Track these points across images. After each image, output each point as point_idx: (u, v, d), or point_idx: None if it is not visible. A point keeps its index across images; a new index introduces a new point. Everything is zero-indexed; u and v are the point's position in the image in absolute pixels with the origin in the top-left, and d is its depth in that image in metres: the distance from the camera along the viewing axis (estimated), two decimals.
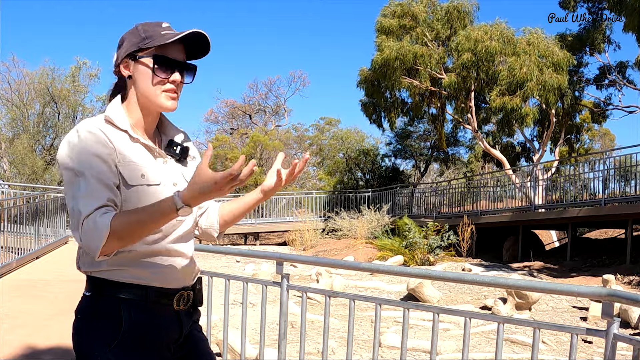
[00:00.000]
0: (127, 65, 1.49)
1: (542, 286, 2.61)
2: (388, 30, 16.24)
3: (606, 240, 13.65)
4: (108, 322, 1.43)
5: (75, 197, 1.36)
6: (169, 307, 1.51)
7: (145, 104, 1.51)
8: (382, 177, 24.09)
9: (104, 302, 1.44)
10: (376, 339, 2.46)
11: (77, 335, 1.46)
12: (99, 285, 1.45)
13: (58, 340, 4.48)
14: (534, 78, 13.41)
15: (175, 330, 1.53)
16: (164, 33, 1.48)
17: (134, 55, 1.48)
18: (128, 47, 1.48)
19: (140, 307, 1.45)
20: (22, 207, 9.73)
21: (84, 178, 1.37)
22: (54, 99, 22.06)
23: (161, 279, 1.48)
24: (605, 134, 28.96)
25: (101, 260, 1.40)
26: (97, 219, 1.32)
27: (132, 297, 1.45)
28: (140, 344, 1.45)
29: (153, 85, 1.48)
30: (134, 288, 1.45)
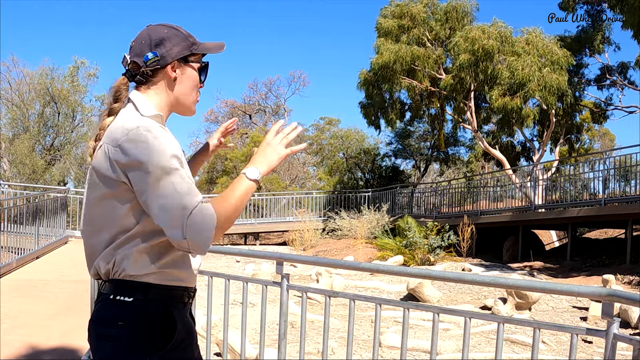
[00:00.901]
0: (174, 66, 1.50)
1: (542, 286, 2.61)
2: (387, 31, 16.25)
3: (606, 240, 13.65)
4: (159, 327, 1.40)
5: (171, 195, 1.33)
6: (190, 306, 1.55)
7: (174, 106, 1.54)
8: (382, 177, 24.09)
9: (154, 307, 1.41)
10: (376, 339, 2.46)
11: (115, 343, 1.39)
12: (144, 290, 1.41)
13: (58, 340, 4.48)
14: (535, 78, 13.41)
15: (194, 327, 1.59)
16: (200, 41, 1.56)
17: (186, 58, 1.51)
18: (181, 49, 1.50)
19: (182, 308, 1.48)
20: (22, 207, 9.73)
21: (176, 175, 1.35)
22: (53, 98, 22.06)
23: (192, 279, 1.52)
24: (605, 134, 28.95)
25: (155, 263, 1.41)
26: (203, 212, 1.33)
27: (177, 300, 1.46)
28: (185, 344, 1.47)
29: (193, 90, 1.55)
30: (177, 290, 1.46)
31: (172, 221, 1.32)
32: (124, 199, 1.40)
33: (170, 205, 1.33)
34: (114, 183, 1.39)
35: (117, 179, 1.38)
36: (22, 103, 22.30)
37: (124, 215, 1.40)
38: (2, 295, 6.04)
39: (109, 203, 1.41)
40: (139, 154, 1.35)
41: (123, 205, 1.40)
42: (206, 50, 1.54)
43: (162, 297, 1.43)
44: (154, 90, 1.50)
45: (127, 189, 1.39)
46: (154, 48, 1.48)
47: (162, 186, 1.34)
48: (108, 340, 1.40)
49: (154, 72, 1.49)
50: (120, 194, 1.40)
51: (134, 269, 1.41)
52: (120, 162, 1.37)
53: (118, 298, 1.42)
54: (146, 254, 1.41)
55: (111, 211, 1.41)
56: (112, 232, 1.42)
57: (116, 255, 1.42)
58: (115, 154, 1.37)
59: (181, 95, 1.52)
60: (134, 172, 1.35)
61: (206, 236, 1.33)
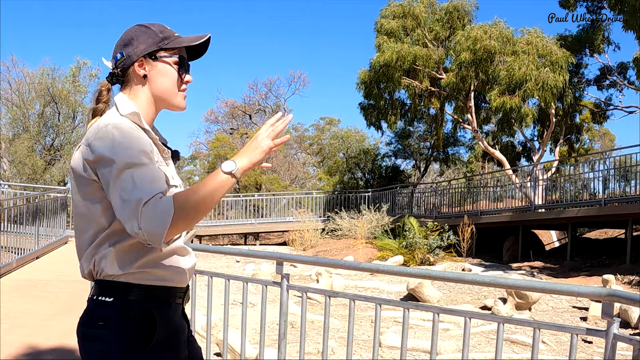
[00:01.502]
0: (142, 64, 1.49)
1: (542, 286, 2.61)
2: (388, 31, 16.24)
3: (606, 240, 13.65)
4: (139, 328, 1.40)
5: (128, 188, 1.32)
6: (180, 306, 1.53)
7: (159, 103, 1.52)
8: (382, 177, 24.09)
9: (134, 307, 1.40)
10: (376, 339, 2.46)
11: (98, 344, 1.39)
12: (125, 290, 1.41)
13: (58, 340, 4.49)
14: (533, 78, 13.41)
15: (185, 328, 1.56)
16: (177, 35, 1.52)
17: (154, 54, 1.49)
18: (147, 46, 1.48)
19: (167, 309, 1.46)
20: (22, 207, 9.73)
21: (139, 168, 1.34)
22: (54, 99, 22.06)
23: (179, 279, 1.49)
24: (605, 134, 28.96)
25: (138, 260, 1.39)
26: (158, 202, 1.30)
27: (160, 299, 1.44)
28: (169, 345, 1.45)
29: (175, 85, 1.51)
30: (159, 290, 1.44)
31: (129, 213, 1.30)
32: (98, 198, 1.40)
33: (127, 197, 1.31)
34: (87, 182, 1.40)
35: (88, 177, 1.39)
36: (22, 103, 22.30)
37: (99, 214, 1.40)
38: (2, 295, 6.04)
39: (86, 203, 1.42)
40: (104, 150, 1.35)
41: (97, 204, 1.40)
42: (180, 44, 1.50)
43: (144, 297, 1.41)
44: (132, 90, 1.51)
45: (99, 187, 1.39)
46: (122, 48, 1.50)
47: (123, 179, 1.33)
48: (90, 340, 1.41)
49: (124, 71, 1.50)
50: (93, 192, 1.40)
51: (113, 269, 1.41)
52: (89, 159, 1.38)
53: (100, 298, 1.42)
54: (124, 253, 1.41)
55: (88, 211, 1.42)
56: (91, 232, 1.43)
57: (95, 256, 1.43)
58: (86, 152, 1.39)
59: (159, 91, 1.50)
60: (101, 169, 1.36)
61: (161, 226, 1.28)
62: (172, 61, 1.50)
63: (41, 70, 22.36)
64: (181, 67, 1.52)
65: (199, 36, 1.51)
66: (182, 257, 1.51)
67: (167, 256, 1.46)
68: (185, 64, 1.53)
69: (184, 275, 1.51)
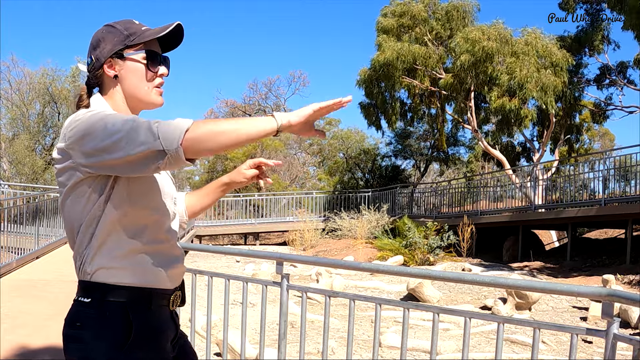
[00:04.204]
0: (111, 64, 1.47)
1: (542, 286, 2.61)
2: (388, 30, 16.24)
3: (606, 240, 13.64)
4: (115, 329, 1.39)
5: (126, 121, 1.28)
6: (166, 308, 1.51)
7: (133, 102, 1.49)
8: (382, 177, 24.08)
9: (110, 307, 1.40)
10: (376, 339, 2.46)
11: (77, 344, 1.39)
12: (102, 291, 1.40)
13: (58, 340, 4.47)
14: (533, 80, 13.41)
15: (172, 330, 1.54)
16: (144, 29, 1.48)
17: (121, 53, 1.46)
18: (112, 46, 1.45)
19: (145, 310, 1.44)
20: (22, 207, 9.73)
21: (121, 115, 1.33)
22: (53, 98, 22.06)
23: (162, 281, 1.48)
24: (605, 134, 28.98)
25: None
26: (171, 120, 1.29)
27: (137, 301, 1.42)
28: (148, 347, 1.43)
29: (146, 81, 1.48)
30: (137, 291, 1.43)
31: (144, 135, 1.25)
32: (77, 195, 1.39)
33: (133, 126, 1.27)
34: (68, 177, 1.38)
35: (69, 170, 1.37)
36: (22, 103, 22.31)
37: (79, 214, 1.40)
38: (2, 295, 6.04)
39: (69, 203, 1.41)
40: (80, 128, 1.32)
41: (77, 203, 1.39)
42: (145, 38, 1.46)
43: (121, 298, 1.40)
44: (107, 92, 1.49)
45: (79, 182, 1.37)
46: (91, 52, 1.48)
47: (113, 122, 1.29)
48: (70, 341, 1.41)
49: (96, 75, 1.48)
50: (75, 188, 1.38)
51: (91, 270, 1.41)
52: (71, 148, 1.34)
53: (80, 299, 1.43)
54: (103, 253, 1.40)
55: (71, 211, 1.41)
56: (74, 233, 1.42)
57: (77, 256, 1.43)
58: (66, 144, 1.35)
59: (131, 89, 1.48)
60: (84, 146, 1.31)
61: (178, 129, 1.25)
62: (140, 57, 1.47)
63: (41, 70, 22.40)
64: (150, 61, 1.47)
65: (165, 26, 1.46)
66: (166, 260, 1.49)
67: (146, 257, 1.44)
68: (156, 58, 1.49)
69: (167, 277, 1.49)
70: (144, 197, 1.42)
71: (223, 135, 1.28)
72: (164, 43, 1.52)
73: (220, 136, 1.28)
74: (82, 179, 1.37)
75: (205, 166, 29.09)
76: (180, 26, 1.46)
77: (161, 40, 1.50)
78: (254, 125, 1.32)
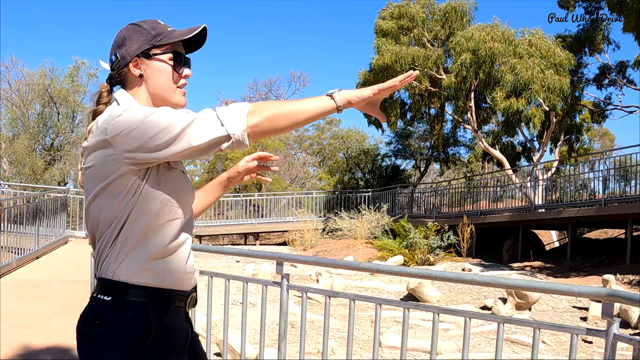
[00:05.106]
0: (137, 63, 1.47)
1: (542, 286, 2.61)
2: (386, 32, 16.25)
3: (606, 240, 13.64)
4: (134, 328, 1.38)
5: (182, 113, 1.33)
6: (182, 309, 1.51)
7: (157, 101, 1.50)
8: (382, 177, 24.09)
9: (130, 307, 1.39)
10: (376, 339, 2.46)
11: (95, 342, 1.38)
12: (123, 290, 1.40)
13: (58, 340, 4.49)
14: (539, 80, 13.42)
15: (187, 331, 1.54)
16: (170, 30, 1.49)
17: (148, 52, 1.47)
18: (139, 45, 1.46)
19: (164, 310, 1.44)
20: (22, 207, 9.73)
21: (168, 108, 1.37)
22: (53, 99, 22.06)
23: (181, 282, 1.48)
24: (605, 133, 28.99)
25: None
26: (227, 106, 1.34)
27: (158, 302, 1.42)
28: (165, 347, 1.43)
29: (171, 82, 1.49)
30: (157, 292, 1.42)
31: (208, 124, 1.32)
32: (109, 193, 1.38)
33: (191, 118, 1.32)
34: (103, 173, 1.37)
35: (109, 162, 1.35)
36: (22, 103, 22.30)
37: (108, 212, 1.39)
38: (2, 295, 6.04)
39: (99, 200, 1.40)
40: (127, 121, 1.33)
41: (108, 201, 1.39)
42: (173, 38, 1.47)
43: (142, 298, 1.40)
44: (131, 90, 1.49)
45: (114, 180, 1.36)
46: (116, 50, 1.48)
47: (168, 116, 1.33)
48: (86, 338, 1.41)
49: (120, 73, 1.49)
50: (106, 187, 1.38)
51: (113, 268, 1.40)
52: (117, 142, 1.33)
53: (99, 297, 1.42)
54: (126, 253, 1.40)
55: (100, 209, 1.41)
56: (99, 231, 1.42)
57: (100, 254, 1.43)
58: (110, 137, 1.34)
59: (156, 89, 1.48)
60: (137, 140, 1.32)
61: (241, 113, 1.32)
62: (167, 57, 1.48)
63: (40, 70, 22.39)
64: (176, 62, 1.49)
65: (192, 28, 1.48)
66: (185, 260, 1.49)
67: (169, 258, 1.44)
68: (181, 59, 1.50)
69: (186, 278, 1.49)
70: (172, 196, 1.43)
71: (283, 118, 1.34)
72: (187, 44, 1.54)
73: (281, 119, 1.34)
74: (119, 175, 1.36)
75: (205, 166, 29.08)
76: (206, 29, 1.49)
77: (185, 41, 1.52)
78: (312, 106, 1.36)
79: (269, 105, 1.35)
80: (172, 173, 1.44)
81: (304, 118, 1.36)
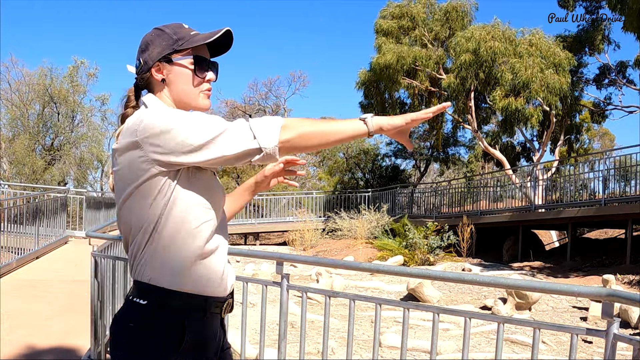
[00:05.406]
0: (159, 68, 1.48)
1: (542, 286, 2.61)
2: (387, 31, 16.25)
3: (606, 240, 13.64)
4: (169, 334, 1.37)
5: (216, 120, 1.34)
6: (217, 316, 1.50)
7: (181, 105, 1.50)
8: (382, 177, 24.08)
9: (165, 312, 1.38)
10: (376, 339, 2.45)
11: (128, 345, 1.39)
12: (159, 295, 1.39)
13: (58, 340, 4.48)
14: (538, 80, 13.42)
15: (220, 338, 1.53)
16: (193, 34, 1.48)
17: (169, 57, 1.47)
18: (161, 50, 1.46)
19: (200, 318, 1.43)
20: (22, 207, 9.72)
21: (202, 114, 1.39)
22: (52, 99, 22.06)
23: (216, 287, 1.47)
24: (605, 133, 28.99)
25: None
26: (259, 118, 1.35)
27: (193, 308, 1.41)
28: (198, 354, 1.42)
29: (194, 86, 1.48)
30: (192, 297, 1.41)
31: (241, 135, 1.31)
32: (141, 195, 1.37)
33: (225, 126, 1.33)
34: (135, 175, 1.36)
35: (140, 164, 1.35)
36: (22, 103, 22.29)
37: (141, 214, 1.38)
38: (2, 295, 6.04)
39: (131, 203, 1.39)
40: (159, 125, 1.33)
41: (140, 203, 1.38)
42: (193, 43, 1.46)
43: (177, 304, 1.39)
44: (156, 94, 1.49)
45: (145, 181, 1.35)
46: (140, 54, 1.49)
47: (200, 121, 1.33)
48: (119, 339, 1.41)
49: (144, 78, 1.49)
50: (138, 188, 1.37)
51: (150, 272, 1.39)
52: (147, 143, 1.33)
53: (134, 300, 1.41)
54: (163, 257, 1.39)
55: (132, 211, 1.40)
56: (132, 235, 1.41)
57: (134, 258, 1.42)
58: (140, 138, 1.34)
59: (179, 94, 1.48)
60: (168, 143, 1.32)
61: (275, 127, 1.31)
62: (188, 62, 1.47)
63: (40, 70, 22.37)
64: (197, 66, 1.48)
65: (214, 32, 1.47)
66: (220, 264, 1.48)
67: (203, 262, 1.43)
68: (204, 63, 1.49)
69: (222, 283, 1.48)
70: (204, 198, 1.42)
71: (315, 136, 1.34)
72: (213, 48, 1.53)
73: (312, 138, 1.34)
74: (149, 177, 1.35)
75: None
76: (230, 32, 1.47)
77: (210, 45, 1.51)
78: (345, 128, 1.37)
79: (303, 122, 1.35)
80: (203, 174, 1.43)
81: (335, 139, 1.36)
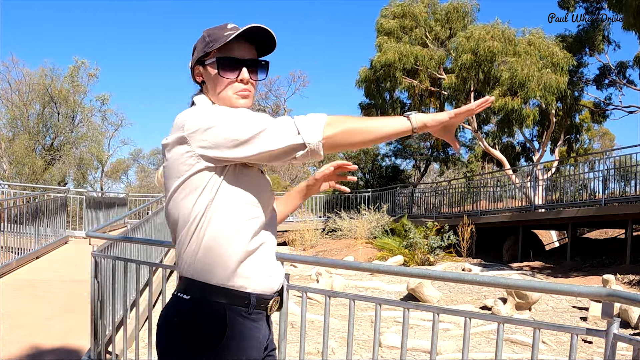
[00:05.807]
0: (198, 72, 1.52)
1: (542, 286, 2.61)
2: (388, 31, 16.25)
3: (606, 240, 13.64)
4: (209, 329, 1.38)
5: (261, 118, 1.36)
6: (262, 314, 1.49)
7: (223, 105, 1.51)
8: (382, 177, 24.08)
9: (208, 307, 1.39)
10: (376, 339, 2.45)
11: (170, 338, 1.41)
12: (202, 290, 1.40)
13: (58, 340, 4.48)
14: (535, 79, 13.41)
15: (265, 336, 1.52)
16: (227, 34, 1.47)
17: (202, 61, 1.50)
18: (197, 54, 1.50)
19: (242, 314, 1.42)
20: (22, 207, 9.72)
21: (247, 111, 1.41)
22: (53, 99, 22.05)
23: (262, 284, 1.46)
24: (605, 133, 29.00)
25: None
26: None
27: (236, 304, 1.41)
28: (238, 351, 1.41)
29: (224, 87, 1.49)
30: (236, 293, 1.41)
31: (285, 131, 1.33)
32: (187, 190, 1.39)
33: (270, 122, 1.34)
34: (182, 170, 1.38)
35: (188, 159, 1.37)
36: (22, 103, 22.28)
37: (187, 209, 1.40)
38: (2, 295, 6.04)
39: (177, 198, 1.41)
40: (207, 120, 1.36)
41: (186, 198, 1.40)
42: (219, 44, 1.46)
43: (220, 299, 1.39)
44: (206, 95, 1.54)
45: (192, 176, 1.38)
46: (191, 59, 1.56)
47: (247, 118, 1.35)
48: (163, 333, 1.43)
49: (195, 81, 1.55)
50: (184, 183, 1.39)
51: (194, 267, 1.41)
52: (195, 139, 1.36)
53: (179, 295, 1.43)
54: (206, 252, 1.40)
55: (175, 207, 1.42)
56: (178, 229, 1.43)
57: (180, 253, 1.44)
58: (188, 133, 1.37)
59: (218, 95, 1.50)
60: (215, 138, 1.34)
61: (319, 124, 1.32)
62: (214, 64, 1.49)
63: (40, 70, 22.37)
64: (221, 67, 1.47)
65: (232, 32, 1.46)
66: (267, 261, 1.47)
67: (250, 259, 1.43)
68: (230, 63, 1.47)
69: (268, 280, 1.47)
70: (251, 194, 1.43)
71: (358, 133, 1.35)
72: (260, 47, 1.52)
73: (356, 135, 1.35)
74: (195, 171, 1.37)
75: None
76: (261, 29, 1.45)
77: (257, 44, 1.51)
78: (389, 125, 1.38)
79: (346, 119, 1.36)
80: (250, 171, 1.44)
81: (378, 136, 1.37)
